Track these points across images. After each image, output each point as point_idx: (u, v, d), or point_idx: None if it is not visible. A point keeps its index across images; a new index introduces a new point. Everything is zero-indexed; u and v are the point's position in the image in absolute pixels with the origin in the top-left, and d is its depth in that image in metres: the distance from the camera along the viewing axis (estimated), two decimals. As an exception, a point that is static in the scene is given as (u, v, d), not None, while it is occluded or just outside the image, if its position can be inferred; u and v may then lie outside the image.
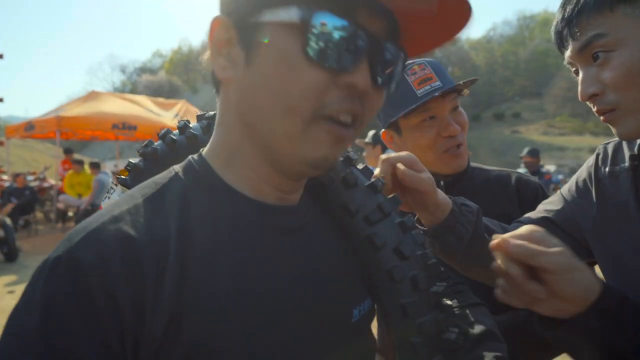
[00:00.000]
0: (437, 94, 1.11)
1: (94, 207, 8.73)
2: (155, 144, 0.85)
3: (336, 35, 0.51)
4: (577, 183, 1.01)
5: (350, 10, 0.52)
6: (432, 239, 0.89)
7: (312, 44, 0.51)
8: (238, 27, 0.56)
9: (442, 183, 1.23)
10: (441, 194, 0.87)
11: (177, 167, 0.64)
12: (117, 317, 0.48)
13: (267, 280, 0.58)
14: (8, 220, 7.31)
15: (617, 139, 0.98)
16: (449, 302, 0.71)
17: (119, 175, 0.84)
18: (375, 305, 0.74)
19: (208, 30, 0.59)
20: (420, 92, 1.14)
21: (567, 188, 1.04)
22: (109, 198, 0.86)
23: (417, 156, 1.21)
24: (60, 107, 12.72)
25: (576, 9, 0.82)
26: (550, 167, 27.52)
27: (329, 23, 0.51)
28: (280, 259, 0.61)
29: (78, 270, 0.48)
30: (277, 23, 0.53)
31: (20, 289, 4.94)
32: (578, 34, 0.82)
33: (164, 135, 0.84)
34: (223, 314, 0.53)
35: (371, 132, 3.93)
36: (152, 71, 63.07)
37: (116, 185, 0.85)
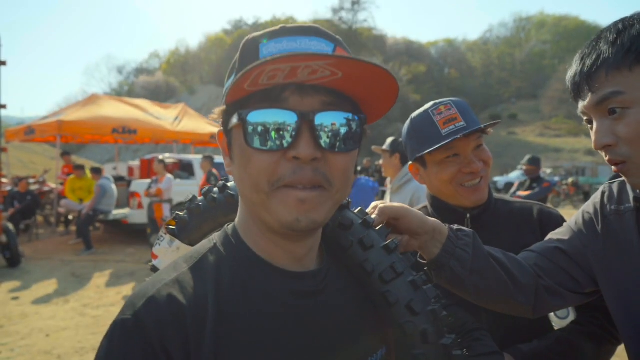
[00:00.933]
0: (458, 135, 1.18)
1: (95, 212, 8.77)
2: (199, 199, 1.01)
3: (267, 124, 0.63)
4: (583, 217, 1.09)
5: (280, 99, 0.64)
6: (438, 271, 0.95)
7: (249, 136, 0.64)
8: (226, 136, 0.74)
9: (468, 216, 1.28)
10: (430, 219, 0.94)
11: (216, 238, 0.77)
12: None
13: (289, 340, 0.69)
14: (10, 226, 7.35)
15: (622, 178, 1.06)
16: (459, 352, 0.78)
17: (168, 225, 0.96)
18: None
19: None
20: (444, 131, 1.22)
21: (575, 220, 1.11)
22: (159, 245, 0.97)
23: (440, 189, 1.29)
24: (60, 110, 12.74)
25: (595, 65, 0.87)
26: (546, 170, 27.62)
27: (260, 117, 0.63)
28: (301, 321, 0.71)
29: (144, 332, 0.62)
30: (233, 127, 0.68)
31: (24, 295, 5.02)
32: (596, 87, 0.87)
33: (207, 193, 0.99)
34: None
35: (389, 140, 3.61)
36: (149, 72, 62.72)
37: (165, 234, 0.96)
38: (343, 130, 0.65)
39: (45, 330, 4.61)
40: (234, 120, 0.66)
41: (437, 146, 1.21)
